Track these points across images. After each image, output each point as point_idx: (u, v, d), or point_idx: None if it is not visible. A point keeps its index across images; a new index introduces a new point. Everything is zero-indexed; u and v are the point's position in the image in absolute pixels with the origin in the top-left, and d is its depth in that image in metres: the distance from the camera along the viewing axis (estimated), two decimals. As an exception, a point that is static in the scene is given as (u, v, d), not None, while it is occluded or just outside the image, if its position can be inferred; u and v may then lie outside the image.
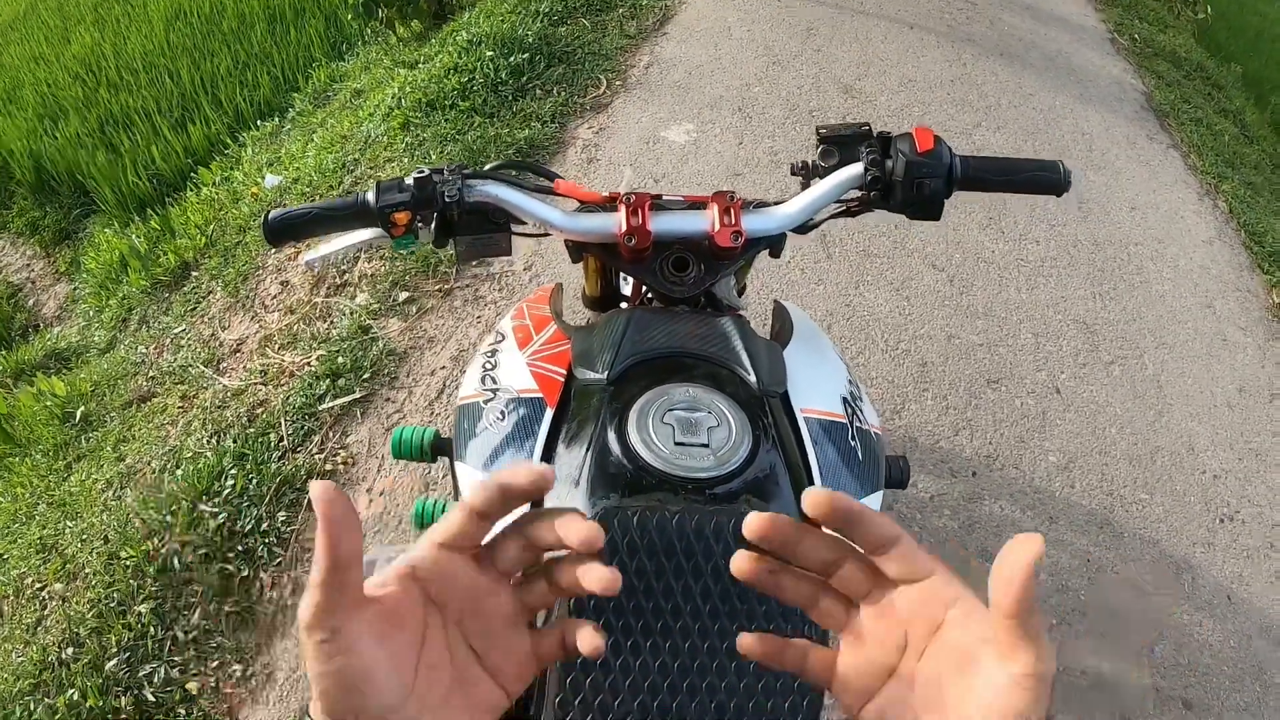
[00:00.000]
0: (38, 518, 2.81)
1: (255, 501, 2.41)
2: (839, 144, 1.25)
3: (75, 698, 2.12)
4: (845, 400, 1.19)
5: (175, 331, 3.31)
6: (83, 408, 3.13)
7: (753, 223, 1.21)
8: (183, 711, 2.07)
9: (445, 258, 3.13)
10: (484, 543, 0.56)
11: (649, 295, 1.39)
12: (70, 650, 2.23)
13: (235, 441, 2.58)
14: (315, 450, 2.56)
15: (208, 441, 2.63)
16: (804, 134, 4.01)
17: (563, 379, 1.14)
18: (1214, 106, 5.39)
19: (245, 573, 2.28)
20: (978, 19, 5.45)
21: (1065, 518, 2.54)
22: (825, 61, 4.65)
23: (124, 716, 2.09)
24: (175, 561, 2.30)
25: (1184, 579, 2.45)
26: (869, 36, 4.98)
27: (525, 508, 0.56)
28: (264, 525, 2.36)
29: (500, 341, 1.27)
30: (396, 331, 2.92)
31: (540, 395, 1.12)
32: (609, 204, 1.25)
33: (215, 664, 2.14)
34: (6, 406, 3.33)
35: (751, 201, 1.27)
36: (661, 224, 1.19)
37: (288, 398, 2.70)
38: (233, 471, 2.49)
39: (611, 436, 1.00)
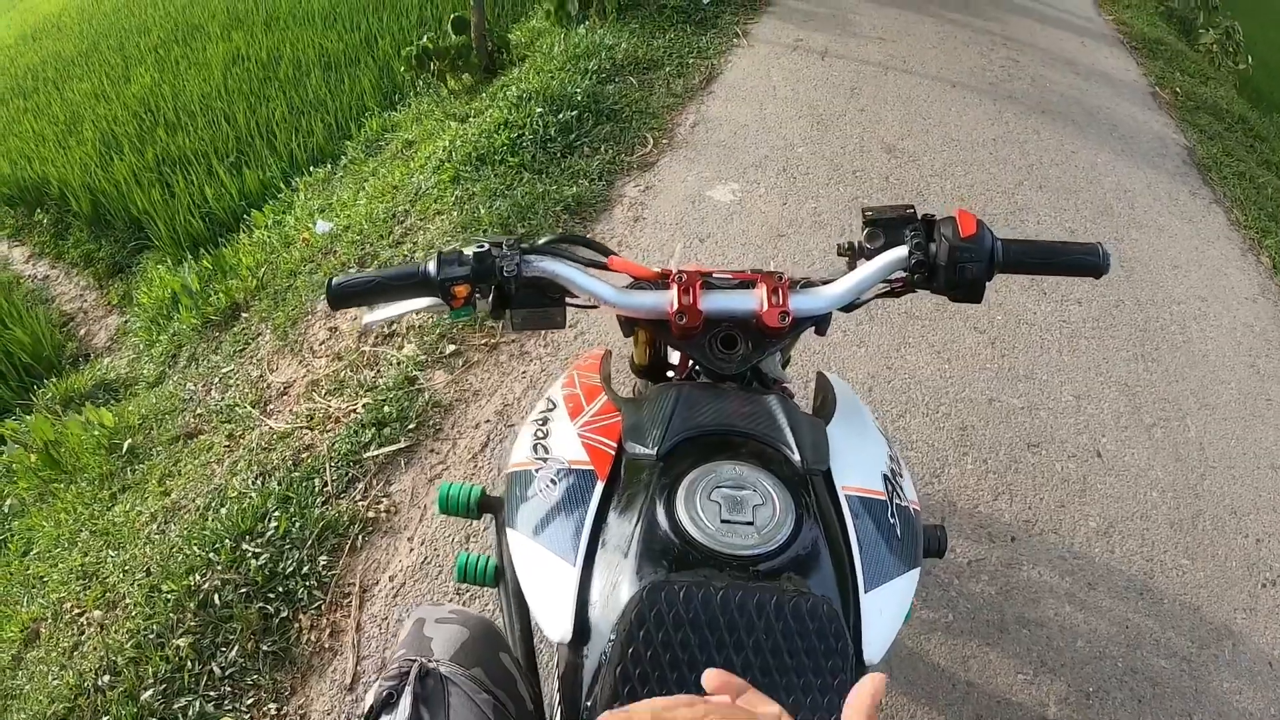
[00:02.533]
0: (80, 544, 2.86)
1: (297, 544, 2.45)
2: (884, 226, 1.27)
3: None
4: (885, 477, 1.21)
5: (224, 371, 3.39)
6: (130, 440, 3.20)
7: (800, 303, 1.23)
8: None
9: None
10: None
11: (696, 368, 1.43)
12: (107, 678, 2.26)
13: (280, 484, 2.64)
14: (359, 497, 2.61)
15: (252, 482, 2.68)
16: (847, 194, 4.06)
17: (613, 452, 1.17)
18: (1257, 159, 5.40)
19: (284, 614, 2.31)
20: (1019, 76, 5.51)
21: (1104, 584, 2.53)
22: (869, 121, 4.72)
23: None
24: (216, 598, 2.34)
25: (1224, 645, 2.42)
26: (912, 96, 5.06)
27: None
28: (305, 568, 2.40)
29: (551, 410, 1.29)
30: (442, 384, 2.98)
31: (591, 467, 1.15)
32: (661, 281, 1.28)
33: (250, 701, 2.17)
34: (55, 434, 3.41)
35: (799, 280, 1.30)
36: (711, 303, 1.23)
37: (333, 443, 2.76)
38: (276, 513, 2.54)
39: (660, 512, 1.04)
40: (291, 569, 2.39)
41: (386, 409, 2.83)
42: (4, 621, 2.78)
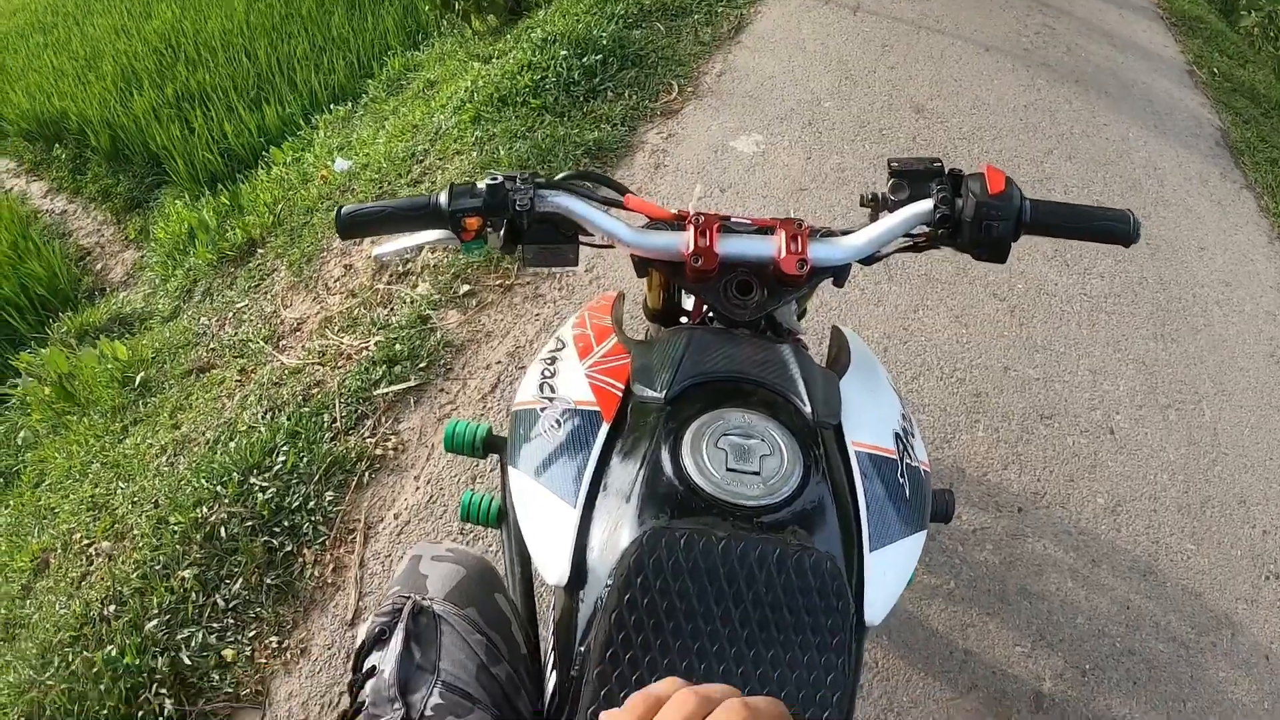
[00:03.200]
0: (90, 476, 2.89)
1: (305, 479, 2.46)
2: (910, 178, 1.24)
3: (113, 654, 2.17)
4: (897, 436, 1.19)
5: (238, 306, 3.39)
6: (143, 373, 3.21)
7: (819, 252, 1.21)
8: (217, 677, 2.11)
9: (509, 257, 3.17)
10: None
11: (710, 314, 1.40)
12: (112, 608, 2.28)
13: (289, 419, 2.64)
14: (367, 434, 2.61)
15: (262, 417, 2.69)
16: (873, 151, 4.00)
17: (620, 394, 1.15)
18: (1292, 146, 5.29)
19: (289, 548, 2.33)
20: (1055, 44, 5.39)
21: (1108, 562, 2.51)
22: (898, 79, 4.64)
23: (159, 677, 2.13)
24: (222, 531, 2.35)
25: (1223, 634, 2.40)
26: (944, 56, 4.96)
27: None
28: (311, 503, 2.41)
29: (560, 349, 1.28)
30: (455, 323, 2.97)
31: (597, 408, 1.13)
32: (677, 222, 1.26)
33: (252, 634, 2.18)
34: (69, 366, 3.42)
35: (819, 230, 1.27)
36: (728, 247, 1.21)
37: (344, 380, 2.75)
38: (285, 448, 2.54)
39: (665, 457, 1.02)
40: (298, 504, 2.40)
41: (398, 347, 2.83)
42: (15, 551, 2.81)
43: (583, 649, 0.95)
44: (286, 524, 2.37)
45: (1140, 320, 3.39)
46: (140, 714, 2.12)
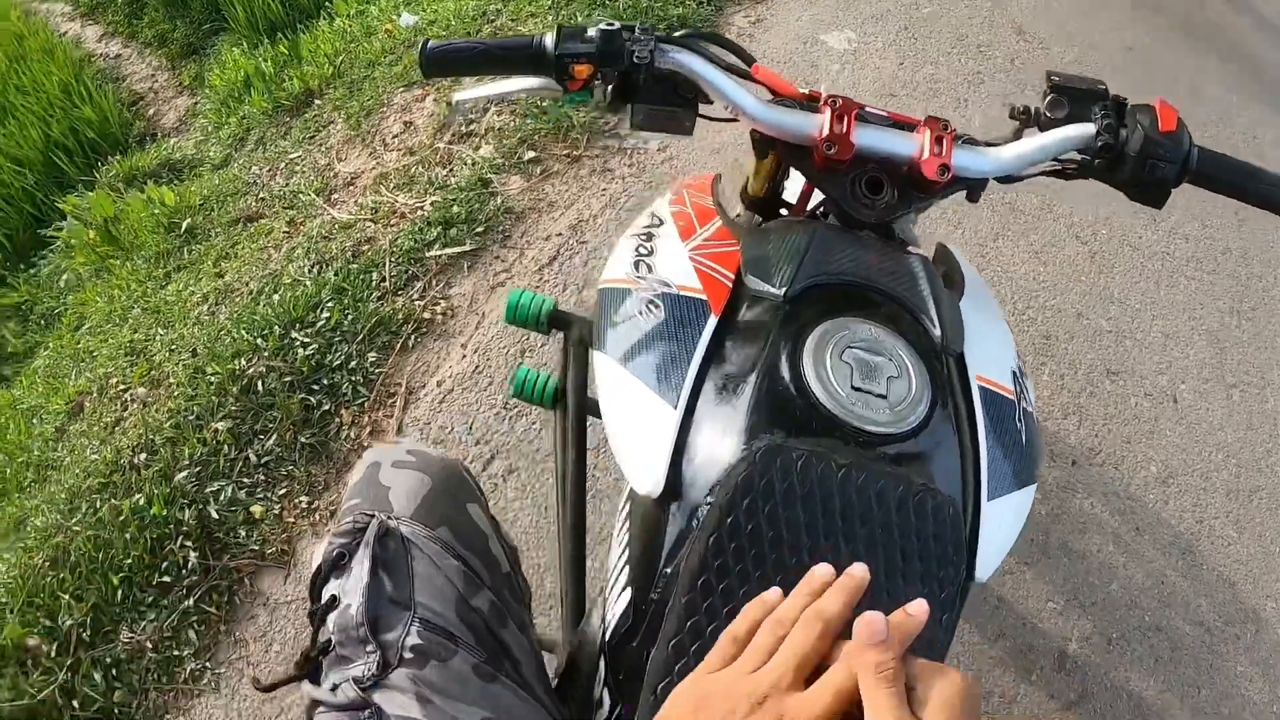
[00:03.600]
0: (130, 321, 2.82)
1: (348, 338, 2.35)
2: (1070, 96, 1.12)
3: (141, 503, 2.11)
4: (1014, 374, 1.07)
5: (291, 157, 3.25)
6: (189, 220, 3.11)
7: (963, 159, 1.08)
8: (243, 533, 2.05)
9: (579, 123, 2.99)
10: None
11: (822, 210, 1.24)
12: (143, 456, 2.22)
13: (336, 275, 2.52)
14: (416, 296, 2.49)
15: (308, 271, 2.57)
16: (968, 67, 3.70)
17: (730, 284, 1.01)
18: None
19: (327, 407, 2.23)
20: (1169, -10, 4.97)
21: (1151, 533, 2.39)
22: (1001, -3, 4.30)
23: (185, 530, 2.07)
24: (259, 385, 2.26)
25: (1248, 628, 2.29)
26: (1052, -20, 4.58)
27: None
28: (352, 363, 2.30)
29: (658, 226, 1.14)
30: (517, 190, 2.80)
31: (704, 297, 1.00)
32: (808, 102, 1.12)
33: (282, 492, 2.11)
34: (115, 210, 3.34)
35: (962, 135, 1.14)
36: (866, 138, 1.06)
37: (396, 239, 2.62)
38: (329, 304, 2.42)
39: (784, 363, 0.89)
40: (339, 362, 2.29)
41: (455, 209, 2.67)
42: (51, 394, 2.79)
43: (668, 570, 0.84)
44: (326, 382, 2.27)
45: (1219, 291, 3.14)
46: (164, 565, 2.07)
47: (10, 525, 2.42)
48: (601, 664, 0.94)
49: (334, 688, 0.86)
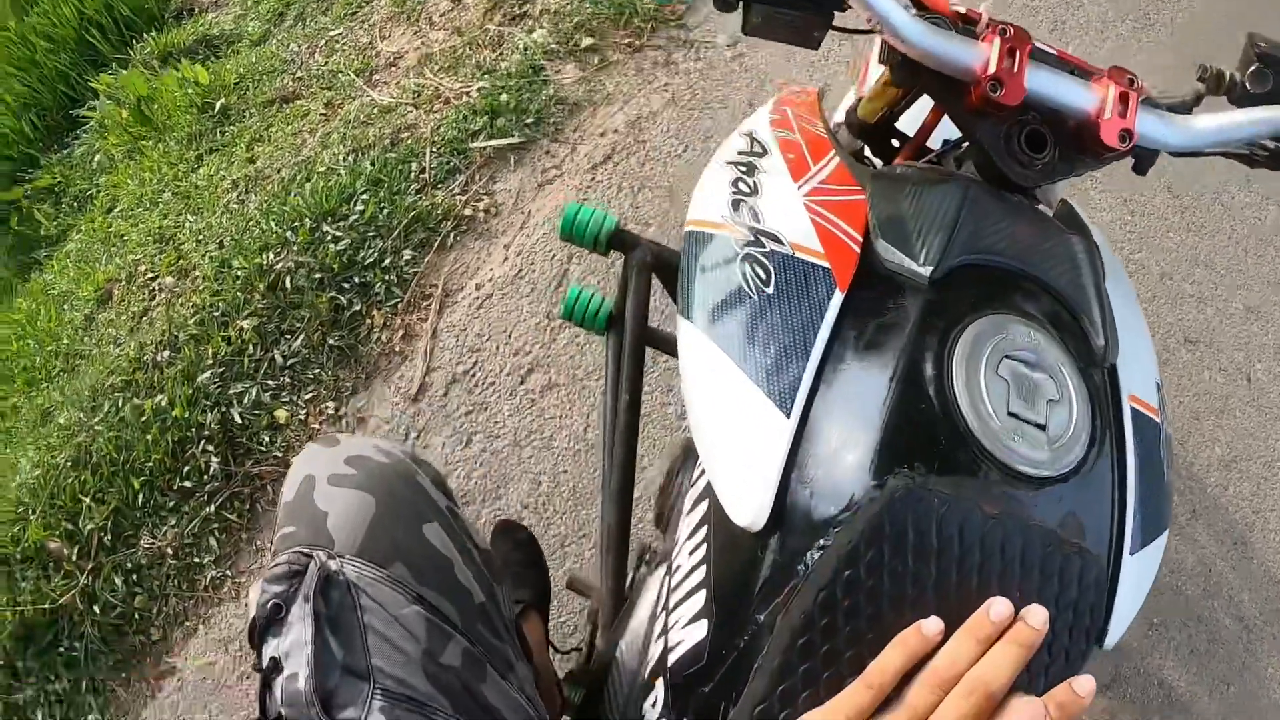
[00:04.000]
0: (161, 206, 2.71)
1: (382, 233, 2.21)
2: (1276, 70, 0.90)
3: (163, 404, 2.05)
4: (1158, 387, 0.88)
5: (332, 34, 3.07)
6: (223, 99, 2.96)
7: (1148, 126, 0.87)
8: (266, 439, 1.97)
9: (643, 9, 2.77)
10: None
11: (937, 157, 1.04)
12: (166, 354, 2.14)
13: (373, 164, 2.37)
14: (457, 191, 2.33)
15: (344, 159, 2.42)
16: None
17: (856, 248, 0.81)
18: None
19: (357, 307, 2.12)
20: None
21: (1206, 517, 2.26)
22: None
23: (207, 433, 1.99)
24: (287, 281, 2.13)
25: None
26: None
27: None
28: (386, 260, 2.18)
29: (760, 156, 0.93)
30: (571, 79, 2.61)
31: (827, 265, 0.79)
32: (965, 26, 0.91)
33: (308, 396, 2.02)
34: (148, 89, 3.20)
35: (1146, 96, 0.93)
36: (1039, 82, 0.85)
37: (438, 127, 2.45)
38: (364, 196, 2.28)
39: (928, 371, 0.72)
40: (372, 259, 2.16)
41: (504, 97, 2.49)
42: (82, 279, 2.72)
43: (760, 618, 0.69)
44: (357, 281, 2.15)
45: (1309, 268, 2.88)
46: (186, 470, 2.01)
47: (38, 417, 2.38)
48: (660, 687, 0.80)
49: None
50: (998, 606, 0.60)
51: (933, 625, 0.60)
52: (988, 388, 0.71)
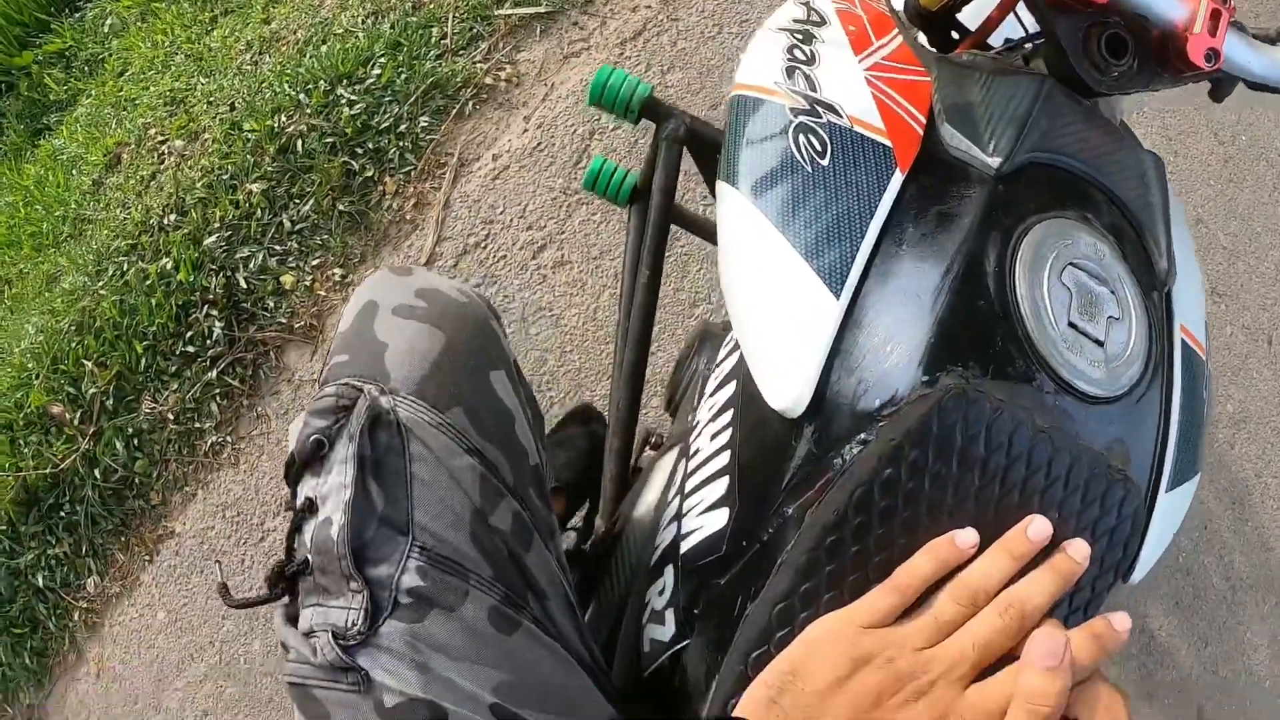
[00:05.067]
0: (173, 68, 2.68)
1: (399, 99, 2.17)
2: None
3: (168, 267, 2.05)
4: (1205, 324, 0.86)
5: (353, -106, 3.01)
6: (240, -40, 2.92)
7: (1235, 49, 0.82)
8: (271, 304, 1.97)
9: None
10: None
11: (998, 50, 0.99)
12: (173, 217, 2.13)
13: (393, 27, 2.32)
14: (479, 58, 2.28)
15: (362, 21, 2.37)
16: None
17: (920, 130, 0.77)
18: None
19: (369, 173, 2.09)
20: None
21: (1209, 472, 2.26)
22: None
23: (212, 298, 1.99)
24: (299, 145, 2.11)
25: (1269, 599, 2.23)
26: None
27: None
28: (402, 126, 2.14)
29: (819, 26, 0.88)
30: (605, -51, 2.54)
31: (888, 142, 0.75)
32: None
33: (315, 262, 2.01)
34: (165, -52, 3.15)
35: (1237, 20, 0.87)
36: None
37: (461, -9, 2.40)
38: (382, 60, 2.24)
39: (990, 267, 0.69)
40: (387, 125, 2.13)
41: (531, -37, 2.43)
42: (91, 144, 2.70)
43: (788, 511, 0.67)
44: (371, 146, 2.12)
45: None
46: (189, 335, 2.01)
47: (44, 282, 2.39)
48: (670, 574, 0.78)
49: (309, 634, 0.67)
50: (1037, 525, 0.59)
51: (968, 536, 0.59)
52: (1050, 293, 0.68)
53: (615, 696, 0.75)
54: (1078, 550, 0.59)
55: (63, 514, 2.02)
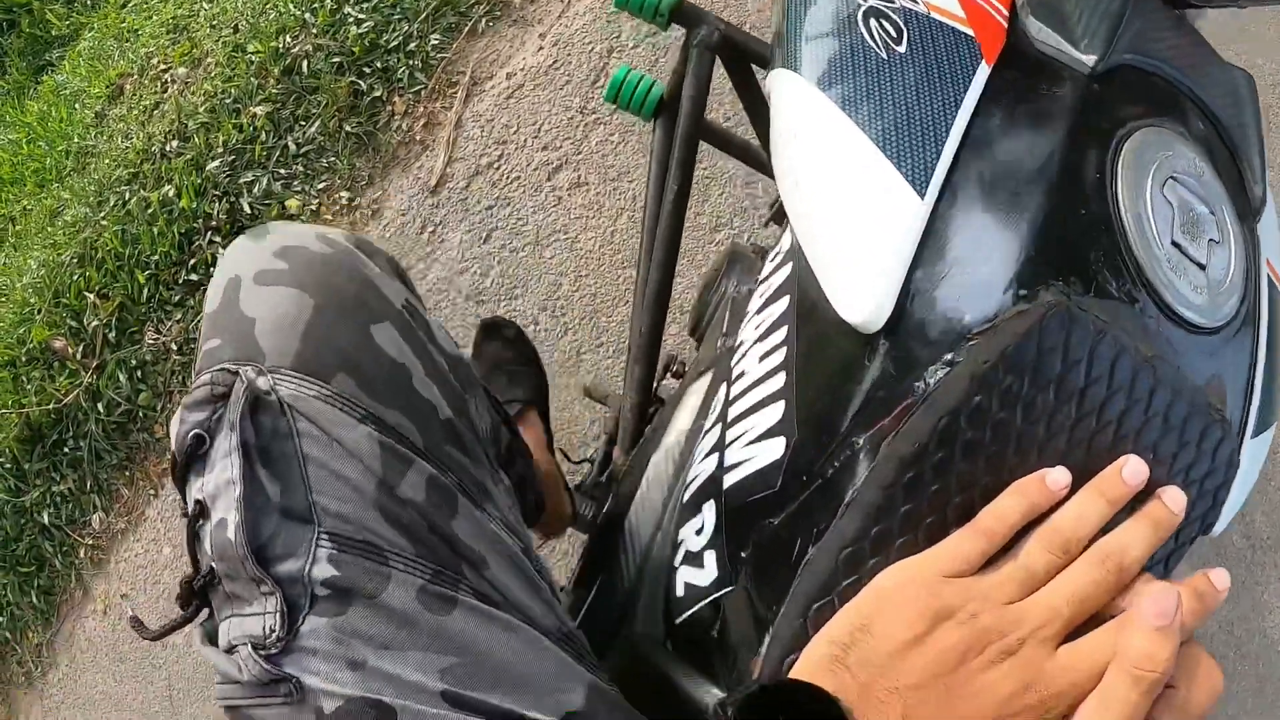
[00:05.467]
0: (175, -4, 2.62)
1: (409, 16, 2.11)
2: None
3: (170, 194, 2.01)
4: None
5: None
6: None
7: None
8: None
9: None
10: None
11: None
12: (175, 144, 2.09)
13: (401, -57, 2.26)
14: (492, -27, 2.22)
15: (370, -64, 2.31)
16: None
17: (1004, 21, 0.69)
18: None
19: (378, 93, 2.04)
20: None
21: None
22: None
23: (215, 224, 1.95)
24: (304, 65, 2.05)
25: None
26: None
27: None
28: (412, 45, 2.08)
29: None
30: None
31: (970, 32, 0.67)
32: None
33: (322, 185, 1.96)
34: (167, -125, 3.09)
35: None
36: None
37: (473, -95, 2.33)
38: (391, -25, 2.18)
39: (1089, 173, 0.61)
40: (396, 43, 2.07)
41: (546, -126, 2.35)
42: (94, 77, 2.67)
43: (858, 441, 0.59)
44: (379, 65, 2.06)
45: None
46: (192, 263, 1.97)
47: (47, 216, 2.36)
48: (710, 511, 0.71)
49: (230, 649, 0.61)
50: (1133, 465, 0.54)
51: (1060, 476, 0.54)
52: (1154, 207, 0.61)
53: (591, 658, 0.70)
54: (1174, 499, 0.54)
55: (67, 450, 2.00)
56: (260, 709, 0.60)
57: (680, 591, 0.72)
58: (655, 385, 1.18)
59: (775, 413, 0.67)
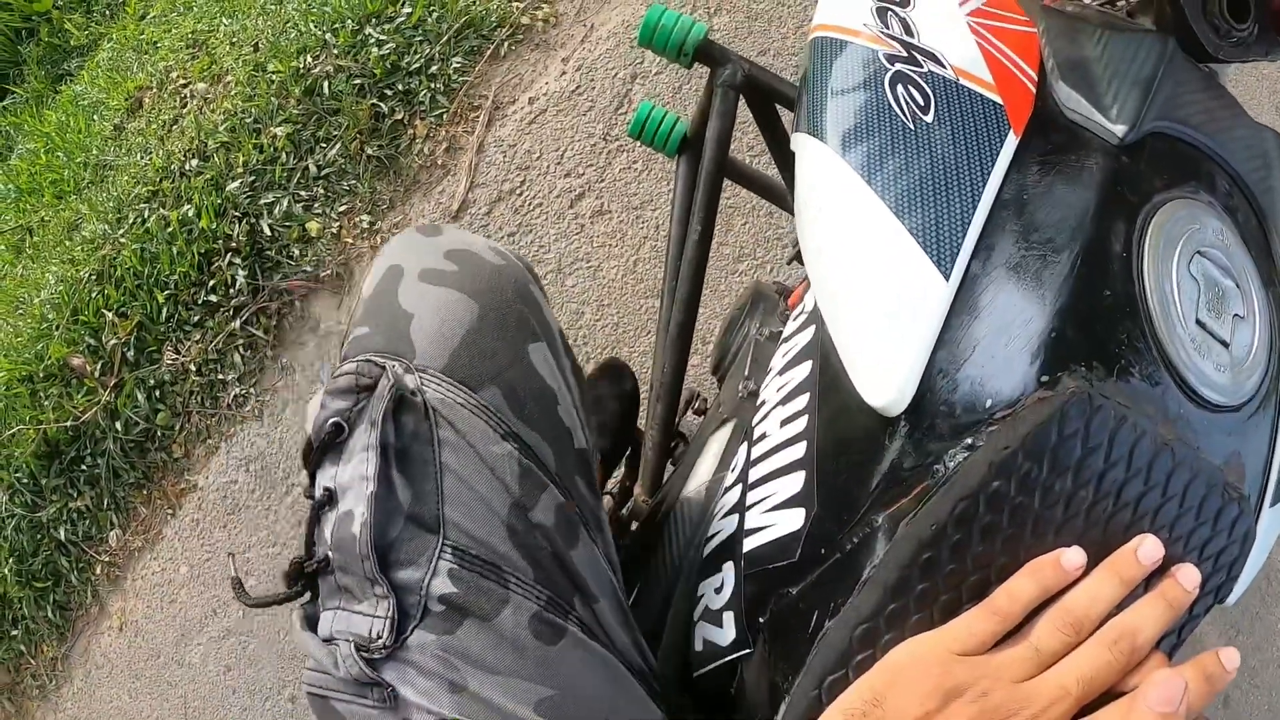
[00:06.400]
0: (195, 10, 2.67)
1: (431, 38, 2.13)
2: None
3: (190, 214, 2.03)
4: None
5: None
6: (265, -102, 2.89)
7: None
8: (297, 252, 1.96)
9: None
10: None
11: (1123, 5, 0.94)
12: (195, 162, 2.11)
13: (423, -36, 2.29)
14: (514, -2, 2.25)
15: (391, -42, 2.34)
16: None
17: (1033, 88, 0.70)
18: None
19: (400, 116, 2.06)
20: None
21: None
22: None
23: (235, 245, 1.98)
24: (325, 87, 2.08)
25: None
26: None
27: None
28: (434, 67, 2.10)
29: None
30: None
31: (998, 100, 0.68)
32: None
33: (343, 208, 1.98)
34: (188, -114, 3.13)
35: None
36: None
37: (496, -72, 2.36)
38: (412, -2, 2.21)
39: (1115, 251, 0.62)
40: (417, 66, 2.09)
41: (569, -103, 2.38)
42: (113, 89, 2.70)
43: (877, 520, 0.61)
44: (401, 88, 2.08)
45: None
46: (211, 284, 2.00)
47: (64, 229, 2.39)
48: (730, 572, 0.73)
49: (330, 640, 0.63)
50: (1148, 546, 0.55)
51: (1074, 557, 0.55)
52: (1180, 286, 0.62)
53: (664, 698, 0.72)
54: (1188, 577, 0.55)
55: (84, 467, 2.03)
56: (348, 705, 0.62)
57: (699, 646, 0.75)
58: (677, 420, 1.21)
59: (795, 482, 0.68)
